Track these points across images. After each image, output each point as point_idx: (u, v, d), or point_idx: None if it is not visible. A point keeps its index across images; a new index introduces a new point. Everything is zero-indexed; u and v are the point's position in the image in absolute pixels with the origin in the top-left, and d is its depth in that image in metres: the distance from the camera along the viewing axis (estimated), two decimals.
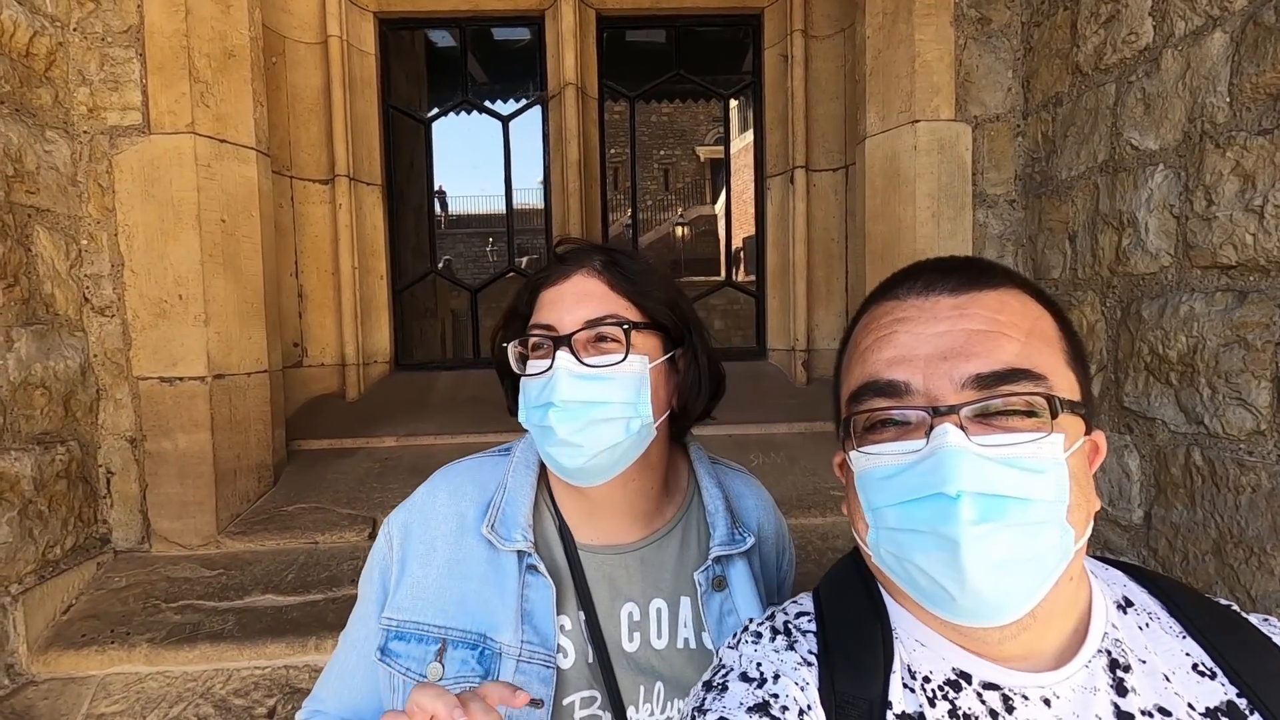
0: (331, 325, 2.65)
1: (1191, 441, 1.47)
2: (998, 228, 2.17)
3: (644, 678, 0.86)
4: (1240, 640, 0.60)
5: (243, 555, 2.00)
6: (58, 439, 1.82)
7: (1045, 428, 0.54)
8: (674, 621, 0.89)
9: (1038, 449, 0.53)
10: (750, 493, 1.02)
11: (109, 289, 1.96)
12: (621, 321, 0.83)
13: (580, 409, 0.80)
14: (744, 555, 0.92)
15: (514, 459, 0.93)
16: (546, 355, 0.83)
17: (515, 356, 0.86)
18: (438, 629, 0.84)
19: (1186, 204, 1.49)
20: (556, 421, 0.80)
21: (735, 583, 0.90)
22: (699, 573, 0.89)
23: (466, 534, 0.87)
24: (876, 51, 2.25)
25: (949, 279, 0.60)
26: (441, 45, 3.92)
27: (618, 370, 0.82)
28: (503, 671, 0.81)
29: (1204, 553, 1.44)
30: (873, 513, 0.59)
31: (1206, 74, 1.43)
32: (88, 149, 1.94)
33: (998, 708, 0.56)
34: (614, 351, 0.83)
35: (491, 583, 0.84)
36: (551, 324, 0.84)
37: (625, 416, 0.82)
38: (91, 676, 1.68)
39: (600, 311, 0.83)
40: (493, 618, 0.83)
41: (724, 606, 0.89)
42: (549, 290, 0.86)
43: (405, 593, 0.86)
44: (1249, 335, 1.33)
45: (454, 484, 0.92)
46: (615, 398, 0.81)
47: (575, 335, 0.82)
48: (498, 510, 0.87)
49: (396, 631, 0.85)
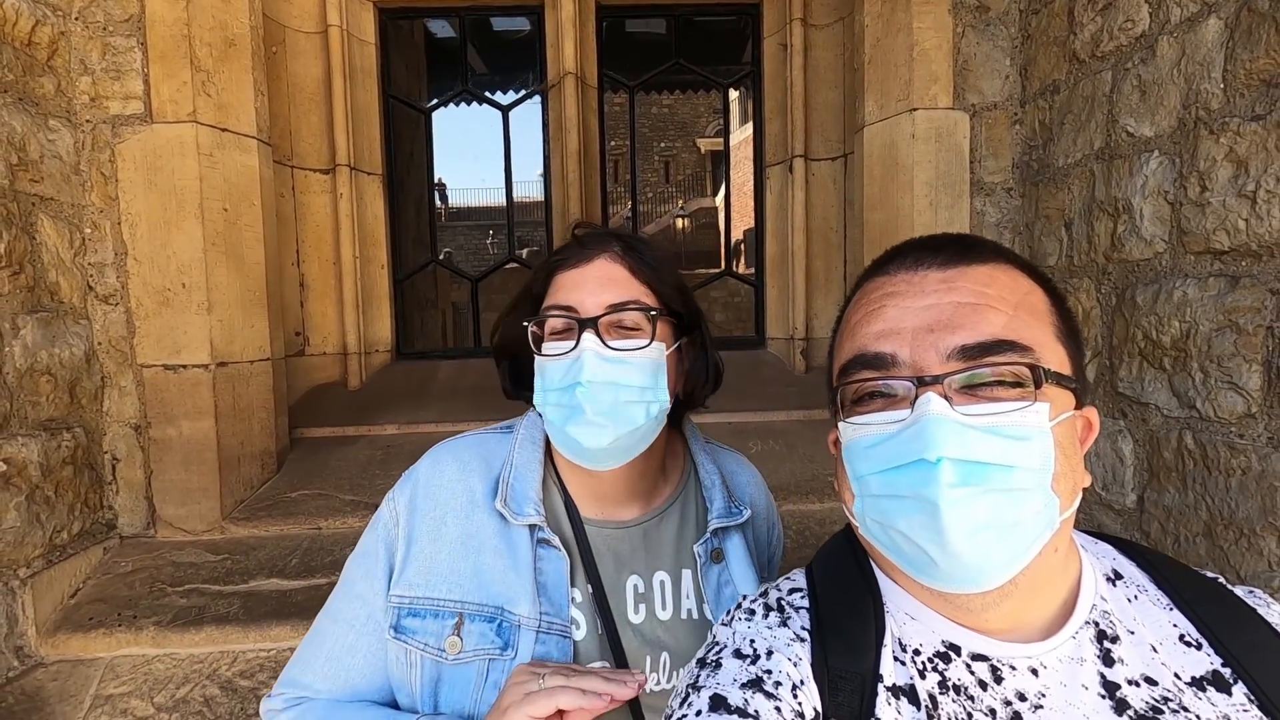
0: (333, 314, 2.67)
1: (1184, 425, 1.49)
2: (995, 215, 2.18)
3: (650, 648, 0.88)
4: (1226, 611, 0.61)
5: (247, 540, 2.03)
6: (64, 425, 1.84)
7: (1030, 397, 0.55)
8: (677, 593, 0.91)
9: (1020, 417, 0.54)
10: (742, 470, 1.05)
11: (113, 277, 1.98)
12: (645, 307, 0.85)
13: (608, 389, 0.81)
14: (739, 529, 0.95)
15: (518, 436, 0.94)
16: (568, 337, 0.84)
17: (533, 337, 0.87)
18: (453, 603, 0.84)
19: (1181, 190, 1.50)
20: (584, 399, 0.80)
21: (732, 555, 0.93)
22: (698, 545, 0.91)
23: (477, 508, 0.88)
24: (875, 40, 2.25)
25: (939, 254, 0.61)
26: (440, 35, 3.93)
27: (642, 355, 0.83)
28: (522, 643, 0.81)
29: (1195, 534, 1.46)
30: (858, 481, 0.60)
31: (1201, 60, 1.44)
32: (90, 138, 1.96)
33: (986, 678, 0.57)
34: (635, 336, 0.84)
35: (505, 556, 0.85)
36: (573, 306, 0.84)
37: (645, 400, 0.84)
38: (99, 659, 1.71)
39: (623, 296, 0.84)
40: (509, 590, 0.83)
41: (721, 578, 0.91)
42: (569, 273, 0.87)
43: (416, 568, 0.86)
44: (1241, 320, 1.34)
45: (460, 459, 0.91)
46: (637, 381, 0.83)
47: (601, 318, 0.83)
48: (507, 485, 0.88)
49: (410, 608, 0.84)
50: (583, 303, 0.84)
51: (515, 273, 3.84)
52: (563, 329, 0.85)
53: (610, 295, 0.84)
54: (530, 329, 0.87)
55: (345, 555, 2.01)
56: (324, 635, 0.90)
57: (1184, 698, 0.56)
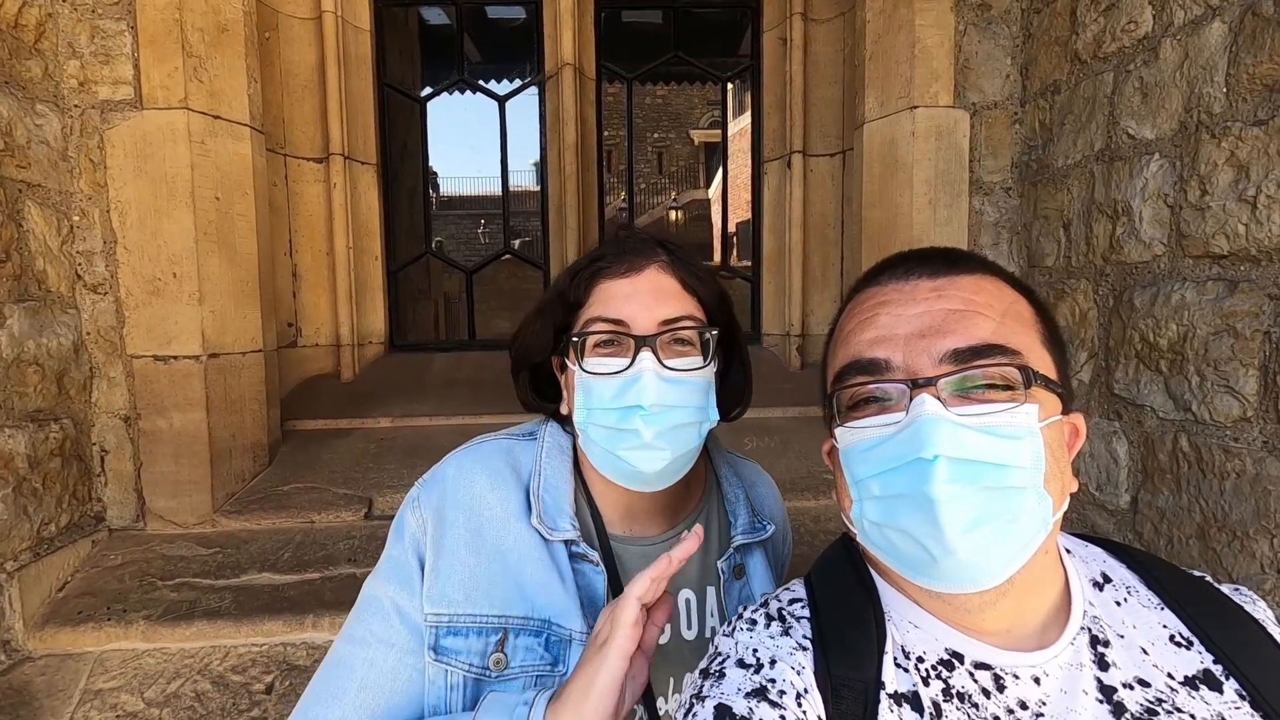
0: (326, 305, 2.64)
1: (1179, 428, 1.50)
2: (993, 215, 2.18)
3: (674, 669, 0.85)
4: (1214, 609, 0.63)
5: (239, 534, 2.01)
6: (51, 416, 1.81)
7: (1020, 399, 0.57)
8: (702, 611, 0.89)
9: (1011, 417, 0.56)
10: (762, 481, 1.03)
11: (102, 266, 1.94)
12: (700, 324, 0.82)
13: (666, 413, 0.78)
14: (761, 544, 0.92)
15: (543, 445, 0.89)
16: (618, 353, 0.80)
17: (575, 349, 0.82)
18: (496, 618, 0.79)
19: (1181, 194, 1.50)
20: (644, 425, 0.77)
21: (753, 571, 0.91)
22: (721, 561, 0.89)
23: (512, 520, 0.83)
24: (876, 36, 2.24)
25: (928, 264, 0.64)
26: (435, 23, 3.87)
27: (699, 375, 0.80)
28: (572, 658, 0.77)
29: (1188, 536, 1.47)
30: (857, 485, 0.61)
31: (1204, 64, 1.44)
32: (79, 123, 1.92)
33: (989, 686, 0.58)
34: (689, 354, 0.81)
35: (547, 569, 0.81)
36: (624, 319, 0.80)
37: (699, 421, 0.81)
38: (88, 653, 1.69)
39: (677, 312, 0.81)
40: (555, 603, 0.79)
41: (742, 594, 0.89)
42: (617, 282, 0.82)
43: (453, 584, 0.80)
44: (1238, 324, 1.35)
45: (490, 468, 0.86)
46: (695, 402, 0.80)
47: (660, 336, 0.79)
48: (539, 498, 0.84)
49: (449, 627, 0.79)
50: (636, 317, 0.79)
51: (510, 264, 3.81)
52: (611, 343, 0.81)
53: (665, 310, 0.80)
54: (574, 340, 0.82)
55: (338, 549, 2.00)
56: (353, 664, 0.80)
57: (1177, 698, 0.57)
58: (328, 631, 1.72)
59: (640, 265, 0.83)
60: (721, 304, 0.88)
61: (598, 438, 0.81)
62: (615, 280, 0.82)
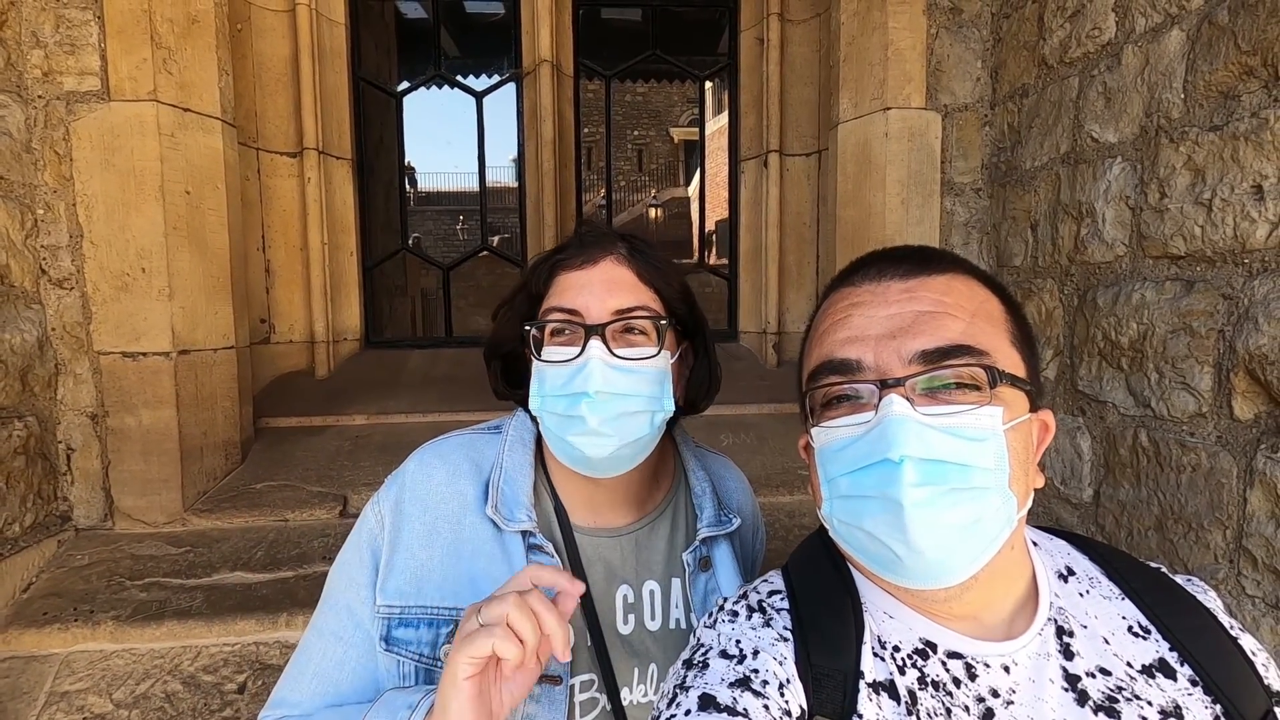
0: (300, 301, 2.61)
1: (1139, 424, 1.55)
2: (964, 215, 2.23)
3: (637, 660, 0.86)
4: (1170, 598, 0.66)
5: (210, 533, 1.98)
6: (15, 414, 1.77)
7: (985, 400, 0.58)
8: (666, 602, 0.90)
9: (975, 419, 0.57)
10: (730, 475, 1.04)
11: (67, 260, 1.90)
12: (653, 314, 0.83)
13: (613, 400, 0.79)
14: (728, 537, 0.94)
15: (507, 438, 0.91)
16: (571, 341, 0.81)
17: (532, 340, 0.84)
18: (448, 610, 0.81)
19: (1141, 196, 1.55)
20: (589, 411, 0.78)
21: (719, 563, 0.92)
22: (687, 553, 0.90)
23: (468, 513, 0.85)
24: (851, 38, 2.27)
25: (900, 265, 0.65)
26: (412, 17, 3.83)
27: (649, 364, 0.81)
28: None
29: (1147, 528, 1.52)
30: (828, 483, 0.63)
31: (1164, 70, 1.49)
32: (43, 114, 1.87)
33: (961, 675, 0.60)
34: (641, 344, 0.82)
35: (499, 562, 0.82)
36: (578, 309, 0.81)
37: (650, 410, 0.82)
38: (54, 654, 1.66)
39: (630, 302, 0.82)
40: None
41: (708, 586, 0.90)
42: (573, 273, 0.84)
43: (405, 577, 0.82)
44: (1194, 323, 1.40)
45: (450, 462, 0.88)
46: (644, 391, 0.81)
47: (609, 325, 0.80)
48: (498, 490, 0.85)
49: (400, 618, 0.81)
50: (588, 307, 0.81)
51: (487, 261, 3.79)
52: (564, 332, 0.82)
53: (617, 300, 0.82)
54: (530, 332, 0.84)
55: (312, 547, 1.98)
56: (311, 652, 0.86)
57: (1136, 686, 0.60)
58: (301, 630, 1.68)
59: (596, 257, 0.84)
60: (684, 297, 0.89)
61: (551, 424, 0.83)
62: (572, 272, 0.84)
